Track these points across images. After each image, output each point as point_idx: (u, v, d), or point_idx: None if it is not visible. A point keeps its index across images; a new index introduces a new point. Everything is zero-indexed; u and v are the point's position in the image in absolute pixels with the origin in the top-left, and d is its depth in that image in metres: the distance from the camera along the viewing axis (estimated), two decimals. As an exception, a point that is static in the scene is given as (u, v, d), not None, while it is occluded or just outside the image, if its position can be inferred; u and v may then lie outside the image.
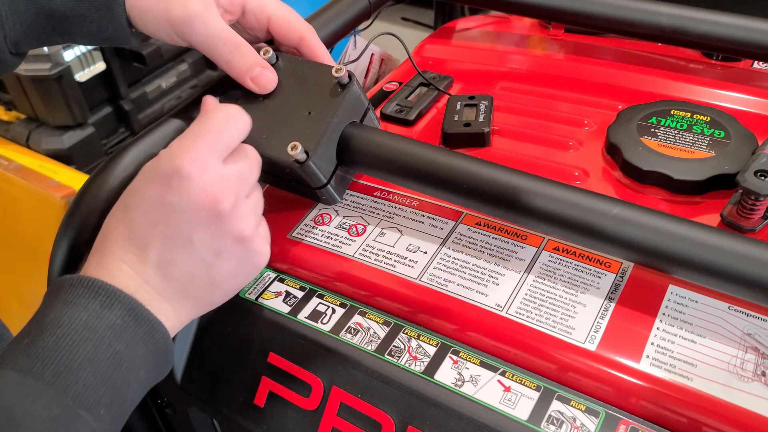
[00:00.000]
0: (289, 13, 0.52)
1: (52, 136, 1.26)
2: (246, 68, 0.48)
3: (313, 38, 0.52)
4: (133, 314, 0.37)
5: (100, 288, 0.37)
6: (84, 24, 0.49)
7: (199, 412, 0.53)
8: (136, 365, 0.37)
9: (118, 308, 0.37)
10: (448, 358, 0.44)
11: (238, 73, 0.48)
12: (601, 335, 0.43)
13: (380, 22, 0.73)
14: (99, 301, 0.37)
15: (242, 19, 0.51)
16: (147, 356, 0.38)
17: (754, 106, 0.61)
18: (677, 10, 0.61)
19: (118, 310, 0.37)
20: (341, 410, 0.45)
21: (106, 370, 0.36)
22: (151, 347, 0.38)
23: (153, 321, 0.38)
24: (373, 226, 0.53)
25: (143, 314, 0.38)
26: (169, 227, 0.39)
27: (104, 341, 0.36)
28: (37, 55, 1.17)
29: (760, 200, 0.46)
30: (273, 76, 0.49)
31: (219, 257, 0.40)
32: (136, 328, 0.37)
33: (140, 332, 0.38)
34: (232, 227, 0.40)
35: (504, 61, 0.73)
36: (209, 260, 0.40)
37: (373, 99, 0.68)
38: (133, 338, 0.37)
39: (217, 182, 0.39)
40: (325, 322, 0.48)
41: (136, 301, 0.38)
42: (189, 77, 1.45)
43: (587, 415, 0.40)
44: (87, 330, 0.36)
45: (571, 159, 0.58)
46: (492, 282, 0.47)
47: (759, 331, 0.42)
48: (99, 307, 0.37)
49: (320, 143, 0.46)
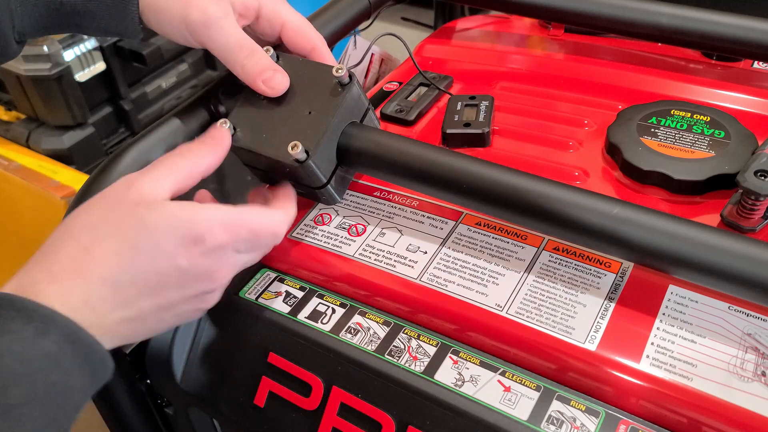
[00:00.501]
0: (303, 22, 0.52)
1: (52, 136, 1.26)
2: (259, 72, 0.48)
3: (324, 49, 0.52)
4: (71, 339, 0.35)
5: (34, 312, 0.34)
6: (94, 19, 0.49)
7: (199, 412, 0.53)
8: (74, 392, 0.35)
9: (54, 333, 0.34)
10: (448, 358, 0.44)
11: (251, 77, 0.48)
12: (601, 335, 0.43)
13: (380, 22, 0.73)
14: (33, 326, 0.34)
15: (255, 24, 0.51)
16: (85, 379, 0.36)
17: (754, 106, 0.61)
18: (677, 10, 0.61)
19: (54, 336, 0.34)
20: (341, 410, 0.45)
21: (43, 409, 0.33)
22: (89, 369, 0.36)
23: (92, 343, 0.36)
24: (373, 226, 0.53)
25: (82, 338, 0.36)
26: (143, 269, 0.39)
27: (40, 375, 0.33)
28: (37, 55, 1.16)
29: (760, 200, 0.46)
30: (284, 79, 0.49)
31: (179, 305, 0.41)
32: (74, 354, 0.35)
33: (78, 358, 0.35)
34: (211, 293, 0.42)
35: (504, 61, 0.73)
36: (169, 303, 0.40)
37: (373, 99, 0.68)
38: (71, 366, 0.35)
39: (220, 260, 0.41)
40: (325, 322, 0.48)
41: (74, 324, 0.35)
42: (189, 77, 1.45)
43: (587, 415, 0.40)
44: (22, 363, 0.33)
45: (571, 159, 0.58)
46: (492, 282, 0.47)
47: (759, 331, 0.42)
48: (33, 334, 0.34)
49: (320, 142, 0.46)
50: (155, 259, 0.39)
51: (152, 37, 1.30)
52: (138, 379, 0.53)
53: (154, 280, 0.39)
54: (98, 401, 0.53)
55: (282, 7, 0.51)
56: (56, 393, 0.34)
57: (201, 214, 0.40)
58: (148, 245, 0.38)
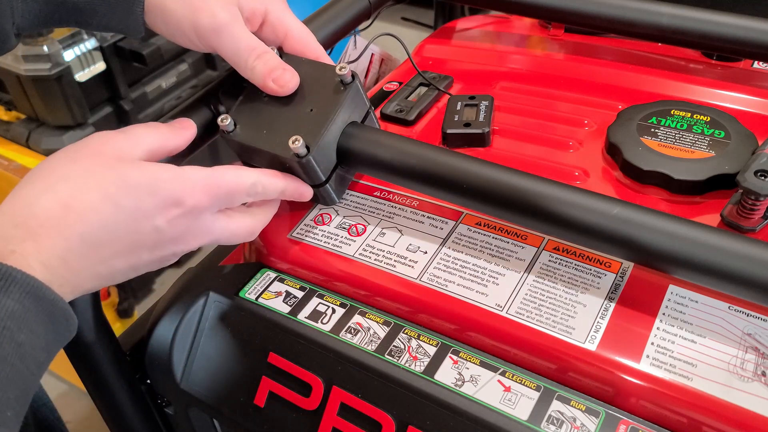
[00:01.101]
0: (307, 32, 0.52)
1: (52, 136, 1.26)
2: (268, 71, 0.48)
3: (326, 61, 0.52)
4: (34, 297, 0.34)
5: None
6: (95, 16, 0.48)
7: (199, 412, 0.53)
8: (39, 351, 0.34)
9: (16, 291, 0.33)
10: (448, 358, 0.44)
11: (261, 77, 0.48)
12: (601, 335, 0.43)
13: (380, 22, 0.73)
14: None
15: (259, 31, 0.51)
16: (49, 337, 0.35)
17: (754, 106, 0.61)
18: (677, 10, 0.61)
19: (16, 294, 0.33)
20: (341, 410, 0.45)
21: (11, 369, 0.32)
22: (53, 327, 0.35)
23: (55, 300, 0.35)
24: (373, 226, 0.53)
25: (45, 295, 0.35)
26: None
27: (6, 334, 0.32)
28: (37, 55, 1.17)
29: (760, 200, 0.46)
30: (294, 77, 0.49)
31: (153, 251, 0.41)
32: (37, 312, 0.34)
33: (42, 315, 0.35)
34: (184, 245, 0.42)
35: (504, 61, 0.73)
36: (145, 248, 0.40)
37: (373, 99, 0.68)
38: (35, 324, 0.34)
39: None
40: (325, 322, 0.48)
41: (36, 281, 0.34)
42: (189, 77, 1.45)
43: (587, 415, 0.40)
44: None
45: (571, 159, 0.58)
46: (492, 282, 0.47)
47: (759, 331, 0.42)
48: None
49: (322, 138, 0.46)
50: (135, 219, 0.39)
51: (152, 37, 1.31)
52: (138, 379, 0.53)
53: (131, 239, 0.39)
54: (98, 401, 0.53)
55: (288, 16, 0.51)
56: (22, 353, 0.33)
57: (183, 176, 0.40)
58: (129, 204, 0.38)
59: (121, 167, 0.39)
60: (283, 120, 0.48)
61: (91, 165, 0.39)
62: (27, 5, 0.47)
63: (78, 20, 0.49)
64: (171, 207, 0.40)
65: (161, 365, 0.51)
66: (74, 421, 1.36)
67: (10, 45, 0.49)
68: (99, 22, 0.49)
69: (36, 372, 0.35)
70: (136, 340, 0.54)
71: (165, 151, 0.45)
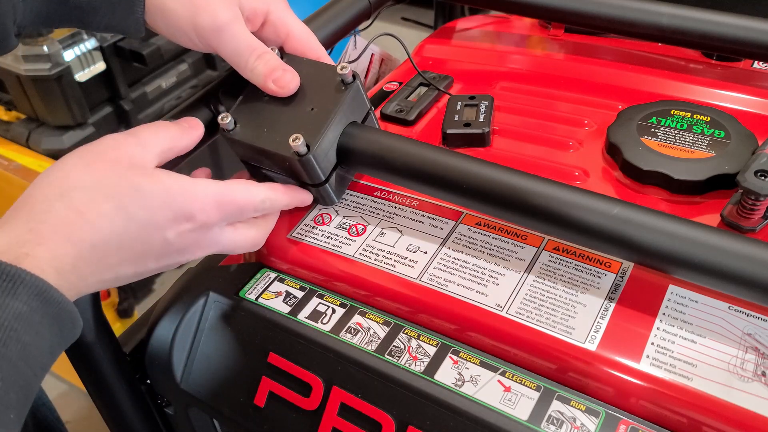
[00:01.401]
0: (308, 33, 0.52)
1: (52, 136, 1.26)
2: (268, 72, 0.48)
3: (327, 62, 0.52)
4: (40, 299, 0.34)
5: (1, 271, 0.33)
6: (96, 15, 0.48)
7: (199, 412, 0.53)
8: (43, 353, 0.35)
9: (23, 293, 0.34)
10: (448, 358, 0.44)
11: (261, 78, 0.48)
12: (601, 335, 0.43)
13: (380, 22, 0.73)
14: (1, 288, 0.33)
15: (260, 31, 0.51)
16: (54, 338, 0.35)
17: (754, 106, 0.61)
18: (677, 10, 0.61)
19: (24, 296, 0.33)
20: (341, 410, 0.45)
21: (15, 370, 0.32)
22: (58, 328, 0.36)
23: (61, 302, 0.35)
24: (373, 226, 0.53)
25: (52, 297, 0.35)
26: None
27: (12, 335, 0.32)
28: (37, 55, 1.17)
29: (760, 200, 0.46)
30: (295, 78, 0.49)
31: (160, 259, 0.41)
32: (44, 314, 0.34)
33: (48, 317, 0.35)
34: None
35: (504, 61, 0.73)
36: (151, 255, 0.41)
37: (373, 99, 0.68)
38: (41, 326, 0.34)
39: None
40: (325, 322, 0.48)
41: (44, 283, 0.34)
42: (189, 77, 1.45)
43: (587, 415, 0.40)
44: None
45: (571, 159, 0.58)
46: (492, 282, 0.47)
47: (759, 331, 0.42)
48: (1, 294, 0.33)
49: (322, 137, 0.46)
50: (146, 230, 0.39)
51: (152, 37, 1.31)
52: (138, 379, 0.53)
53: (140, 249, 0.39)
54: (98, 401, 0.53)
55: (289, 16, 0.51)
56: (27, 354, 0.33)
57: (195, 189, 0.41)
58: (142, 215, 0.39)
59: (135, 177, 0.39)
60: (284, 119, 0.48)
61: (105, 172, 0.39)
62: (28, 4, 0.47)
63: (79, 19, 0.49)
64: (182, 221, 0.40)
65: (161, 365, 0.51)
66: (74, 421, 1.36)
67: (11, 44, 0.49)
68: (100, 22, 0.49)
69: (39, 374, 0.35)
70: (136, 341, 0.54)
71: (175, 151, 0.45)
